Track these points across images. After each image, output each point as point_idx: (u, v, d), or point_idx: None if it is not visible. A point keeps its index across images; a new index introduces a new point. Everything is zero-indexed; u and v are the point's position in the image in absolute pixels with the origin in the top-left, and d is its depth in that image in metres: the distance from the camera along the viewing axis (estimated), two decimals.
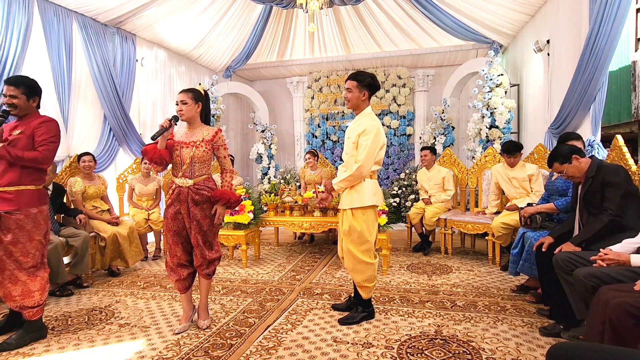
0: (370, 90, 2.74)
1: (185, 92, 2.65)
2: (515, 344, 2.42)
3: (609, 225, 2.45)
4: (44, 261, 2.61)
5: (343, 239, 2.77)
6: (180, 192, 2.63)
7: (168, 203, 2.69)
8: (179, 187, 2.64)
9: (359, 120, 2.75)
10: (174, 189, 2.66)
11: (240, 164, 8.33)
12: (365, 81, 2.70)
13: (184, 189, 2.63)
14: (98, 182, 4.26)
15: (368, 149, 2.59)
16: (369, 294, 2.81)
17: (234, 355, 2.35)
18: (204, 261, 2.69)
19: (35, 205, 2.53)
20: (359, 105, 2.75)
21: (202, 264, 2.70)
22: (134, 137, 5.48)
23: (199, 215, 2.62)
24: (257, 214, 4.49)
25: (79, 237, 3.58)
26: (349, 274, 2.78)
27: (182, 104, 2.62)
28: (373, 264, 2.75)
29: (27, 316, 2.55)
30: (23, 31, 4.05)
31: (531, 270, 3.12)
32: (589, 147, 3.66)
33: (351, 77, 2.74)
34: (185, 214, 2.62)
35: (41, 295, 2.56)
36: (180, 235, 2.67)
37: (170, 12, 5.48)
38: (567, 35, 4.19)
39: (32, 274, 2.52)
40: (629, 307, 1.72)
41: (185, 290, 2.76)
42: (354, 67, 7.77)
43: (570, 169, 2.63)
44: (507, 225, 3.90)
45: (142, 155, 2.61)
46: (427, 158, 4.98)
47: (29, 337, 2.56)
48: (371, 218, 2.73)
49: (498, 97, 5.46)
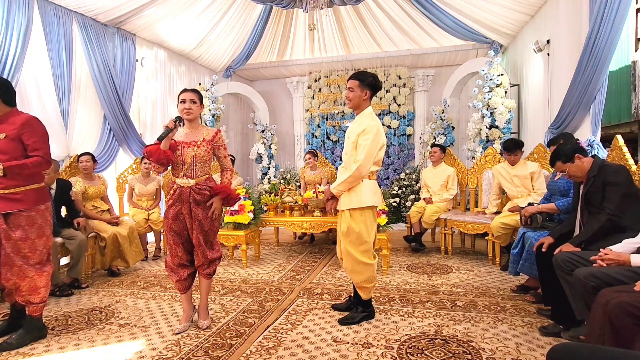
0: (372, 90, 2.73)
1: (193, 92, 2.66)
2: (515, 344, 2.42)
3: (606, 225, 2.44)
4: (50, 258, 2.63)
5: (342, 240, 2.76)
6: (182, 192, 2.63)
7: (169, 204, 2.68)
8: (181, 187, 2.63)
9: (359, 120, 2.74)
10: (175, 190, 2.65)
11: (240, 164, 8.33)
12: (367, 80, 2.70)
13: (185, 189, 2.62)
14: (98, 182, 4.26)
15: (367, 148, 2.59)
16: (369, 295, 2.81)
17: (234, 355, 2.35)
18: (205, 261, 2.69)
19: (42, 201, 2.57)
20: (360, 105, 2.74)
21: (203, 264, 2.70)
22: (134, 137, 5.48)
23: (200, 215, 2.63)
24: (257, 214, 4.49)
25: (74, 241, 3.56)
26: (348, 275, 2.78)
27: (191, 103, 2.61)
28: (372, 264, 2.75)
29: (30, 311, 2.57)
30: (23, 31, 4.05)
31: (531, 270, 3.12)
32: (589, 147, 3.66)
33: (353, 76, 2.74)
34: (187, 214, 2.62)
35: (46, 291, 2.60)
36: (181, 235, 2.67)
37: (170, 12, 5.48)
38: (567, 35, 4.19)
39: (40, 269, 2.54)
40: (629, 306, 1.72)
41: (186, 290, 2.76)
42: (354, 67, 7.77)
43: (573, 168, 2.62)
44: (506, 225, 3.90)
45: (146, 156, 2.58)
46: (437, 155, 4.99)
47: (29, 336, 2.57)
48: (370, 219, 2.73)
49: (498, 97, 5.46)
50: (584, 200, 2.63)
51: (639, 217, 2.45)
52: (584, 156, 2.62)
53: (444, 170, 4.95)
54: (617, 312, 1.74)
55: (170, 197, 2.68)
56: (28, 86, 4.22)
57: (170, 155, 2.59)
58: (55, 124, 4.51)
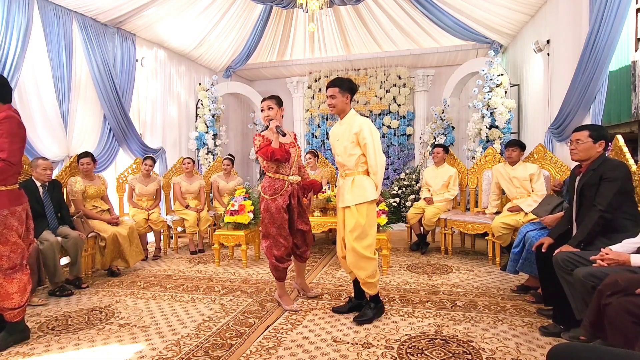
0: (351, 93, 2.87)
1: (269, 99, 2.99)
2: (515, 344, 2.42)
3: (599, 222, 2.43)
4: (23, 263, 2.52)
5: (346, 237, 2.79)
6: (293, 188, 3.00)
7: (279, 200, 2.93)
8: (291, 183, 2.99)
9: (348, 120, 2.85)
10: (287, 186, 2.97)
11: (240, 164, 8.33)
12: (345, 85, 2.83)
13: (294, 184, 3.01)
14: (98, 182, 4.26)
15: (373, 144, 2.73)
16: (375, 289, 2.83)
17: (234, 355, 2.35)
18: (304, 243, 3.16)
19: (6, 206, 2.40)
20: (344, 109, 2.87)
21: (302, 247, 3.15)
22: (133, 137, 5.48)
23: (302, 203, 3.10)
24: (257, 214, 4.49)
25: (69, 240, 3.56)
26: (354, 272, 2.80)
27: (268, 110, 2.96)
28: (374, 259, 2.79)
29: (8, 318, 2.50)
30: (23, 31, 4.05)
31: (531, 269, 3.12)
32: None
33: (330, 84, 2.85)
34: (296, 205, 3.02)
35: (21, 297, 2.50)
36: (289, 226, 3.02)
37: (170, 12, 5.48)
38: (567, 35, 4.19)
39: (9, 276, 2.44)
40: (629, 305, 1.72)
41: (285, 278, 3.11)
42: (354, 67, 7.77)
43: (587, 146, 2.53)
44: (507, 225, 3.90)
45: (270, 157, 2.83)
46: (440, 155, 4.99)
47: (12, 339, 2.53)
48: (373, 212, 2.81)
49: (498, 97, 5.47)
50: (580, 193, 2.61)
51: (631, 216, 2.44)
52: (603, 149, 2.56)
53: (446, 171, 4.95)
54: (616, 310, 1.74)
55: (278, 194, 2.94)
56: (28, 86, 4.22)
57: (290, 151, 2.95)
58: (55, 124, 4.52)
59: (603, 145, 2.54)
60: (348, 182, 2.80)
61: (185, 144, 6.86)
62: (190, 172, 5.25)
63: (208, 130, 6.92)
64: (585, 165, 2.59)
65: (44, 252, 3.29)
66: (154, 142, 6.03)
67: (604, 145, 2.55)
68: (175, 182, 5.22)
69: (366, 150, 2.75)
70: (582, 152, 2.56)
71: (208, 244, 5.41)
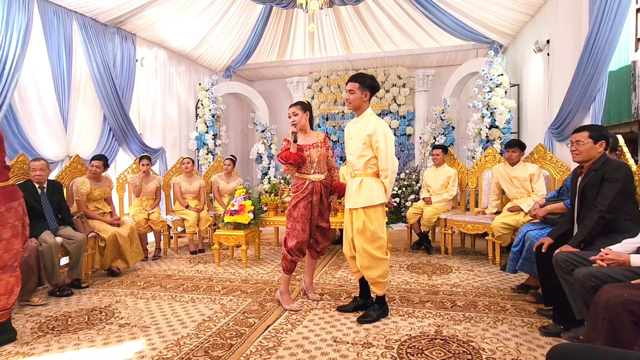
0: (372, 91, 2.80)
1: (295, 105, 3.17)
2: (515, 344, 2.42)
3: (600, 222, 2.43)
4: (14, 265, 2.49)
5: (355, 238, 2.78)
6: (314, 186, 3.06)
7: (300, 196, 3.06)
8: (313, 181, 3.06)
9: (364, 120, 2.79)
10: (308, 184, 3.06)
11: (240, 164, 8.32)
12: (367, 82, 2.76)
13: (317, 182, 3.08)
14: (104, 184, 4.26)
15: (387, 148, 2.69)
16: (384, 290, 2.83)
17: (234, 355, 2.35)
18: (324, 239, 3.23)
19: (2, 203, 2.39)
20: (361, 106, 2.80)
21: (321, 244, 3.23)
22: (133, 137, 5.48)
23: (326, 201, 3.17)
24: (257, 214, 4.49)
25: (73, 242, 3.55)
26: (364, 272, 2.80)
27: (294, 116, 3.11)
28: (387, 259, 2.80)
29: None
30: (23, 31, 4.05)
31: (531, 269, 3.12)
32: None
33: (352, 78, 2.79)
34: (317, 202, 3.09)
35: (8, 299, 2.47)
36: (310, 221, 3.09)
37: (170, 12, 5.48)
38: (567, 35, 4.18)
39: None
40: (629, 302, 1.72)
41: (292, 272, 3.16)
42: (354, 67, 7.77)
43: (588, 147, 2.53)
44: (507, 225, 3.90)
45: (284, 162, 3.01)
46: (439, 157, 5.00)
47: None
48: (381, 215, 2.80)
49: (498, 97, 5.47)
50: (582, 193, 2.61)
51: (632, 216, 2.44)
52: (607, 148, 2.55)
53: (446, 171, 4.96)
54: (616, 309, 1.74)
55: (300, 192, 3.07)
56: (28, 86, 4.22)
57: (304, 156, 3.05)
58: (55, 124, 4.52)
59: (604, 145, 2.54)
60: (356, 183, 2.78)
61: (185, 144, 6.86)
62: (190, 172, 5.26)
63: (208, 130, 6.92)
64: (587, 166, 2.59)
65: (43, 253, 3.28)
66: (154, 142, 6.03)
67: (605, 145, 2.54)
68: (175, 182, 5.22)
69: (378, 153, 2.71)
70: (584, 154, 2.56)
71: (208, 244, 5.42)
